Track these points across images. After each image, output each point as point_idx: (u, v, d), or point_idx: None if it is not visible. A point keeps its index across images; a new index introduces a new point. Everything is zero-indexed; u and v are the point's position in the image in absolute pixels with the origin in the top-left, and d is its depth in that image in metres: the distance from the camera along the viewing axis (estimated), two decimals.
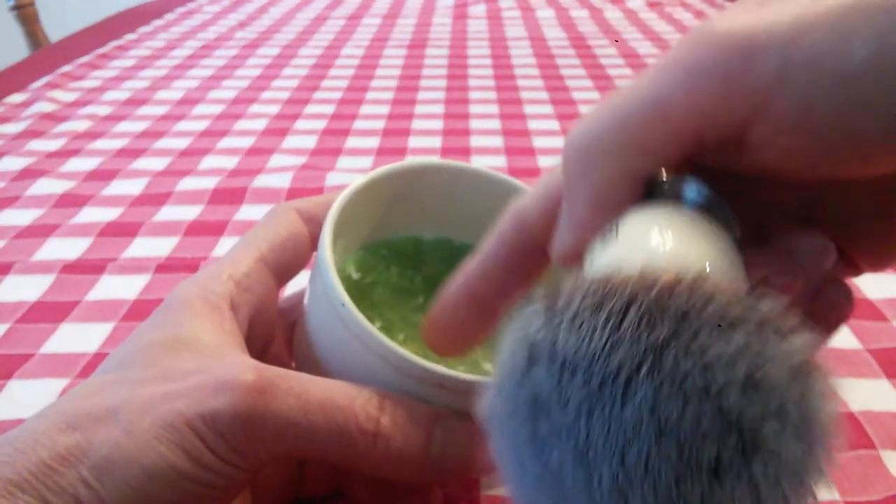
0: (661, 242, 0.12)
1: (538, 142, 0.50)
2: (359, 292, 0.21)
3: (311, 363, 0.19)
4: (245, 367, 0.16)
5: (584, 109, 0.57)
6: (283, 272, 0.21)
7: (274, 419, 0.16)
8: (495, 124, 0.54)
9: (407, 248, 0.23)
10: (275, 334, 0.21)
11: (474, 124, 0.54)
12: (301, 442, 0.16)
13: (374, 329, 0.17)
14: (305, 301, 0.20)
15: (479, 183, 0.23)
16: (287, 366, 0.22)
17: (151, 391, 0.16)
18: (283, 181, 0.43)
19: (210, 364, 0.16)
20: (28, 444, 0.15)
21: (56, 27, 1.06)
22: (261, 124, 0.54)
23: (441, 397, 0.17)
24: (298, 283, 0.22)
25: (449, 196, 0.23)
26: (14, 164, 0.46)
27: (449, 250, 0.24)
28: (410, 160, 0.22)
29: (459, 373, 0.17)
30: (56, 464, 0.14)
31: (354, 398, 0.16)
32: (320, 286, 0.18)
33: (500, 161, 0.47)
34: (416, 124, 0.54)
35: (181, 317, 0.18)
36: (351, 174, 0.44)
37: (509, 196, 0.23)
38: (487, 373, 0.21)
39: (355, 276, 0.22)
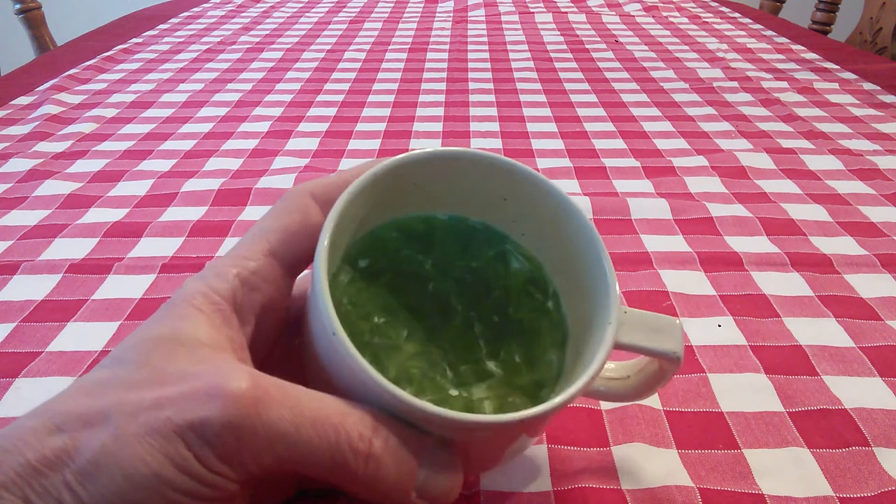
0: None
1: (537, 144, 0.51)
2: (365, 282, 0.21)
3: (311, 364, 0.19)
4: (239, 375, 0.16)
5: (581, 112, 0.58)
6: (296, 264, 0.20)
7: (265, 430, 0.15)
8: (494, 127, 0.54)
9: (419, 227, 0.22)
10: (283, 329, 0.21)
11: (474, 126, 0.54)
12: (291, 455, 0.16)
13: (364, 362, 0.16)
14: (308, 304, 0.20)
15: (487, 168, 0.21)
16: (296, 359, 0.21)
17: (143, 395, 0.15)
18: (286, 182, 0.43)
19: (204, 368, 0.16)
20: (15, 444, 0.15)
21: (62, 31, 1.07)
22: (264, 126, 0.54)
23: (431, 427, 0.17)
24: None
25: (461, 182, 0.21)
26: (21, 165, 0.46)
27: (464, 229, 0.22)
28: (417, 150, 0.20)
29: (450, 411, 0.16)
30: (41, 466, 0.14)
31: (348, 416, 0.16)
32: (315, 305, 0.18)
33: None
34: (417, 126, 0.54)
35: (182, 315, 0.17)
36: None
37: (520, 179, 0.21)
38: (490, 373, 0.20)
39: (362, 263, 0.21)
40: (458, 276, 0.22)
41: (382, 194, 0.20)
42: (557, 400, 0.17)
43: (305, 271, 0.20)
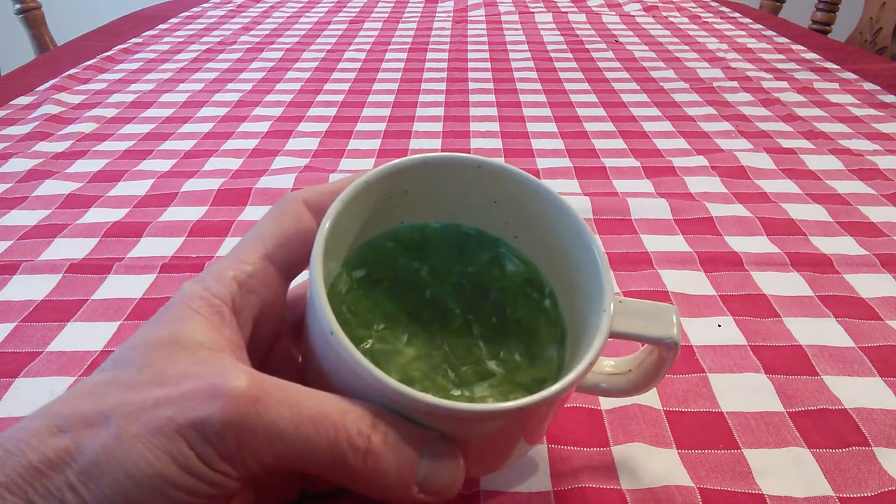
0: None
1: (537, 144, 0.51)
2: (363, 290, 0.21)
3: (310, 366, 0.19)
4: (239, 374, 0.16)
5: (581, 112, 0.58)
6: (291, 268, 0.20)
7: (265, 429, 0.15)
8: (494, 127, 0.54)
9: (413, 237, 0.22)
10: (282, 331, 0.21)
11: (474, 126, 0.54)
12: (291, 453, 0.16)
13: (362, 359, 0.16)
14: (307, 307, 0.20)
15: (476, 171, 0.22)
16: (294, 363, 0.22)
17: (144, 396, 0.15)
18: (286, 182, 0.43)
19: (204, 369, 0.16)
20: (18, 445, 0.15)
21: (62, 31, 1.07)
22: (264, 126, 0.54)
23: (431, 422, 0.17)
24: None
25: (451, 187, 0.22)
26: (21, 165, 0.46)
27: (458, 236, 0.23)
28: (407, 157, 0.21)
29: (448, 401, 0.16)
30: (44, 467, 0.14)
31: (347, 413, 0.16)
32: (312, 306, 0.18)
33: None
34: (417, 126, 0.54)
35: (181, 317, 0.17)
36: None
37: (507, 181, 0.21)
38: (491, 372, 0.20)
39: (360, 273, 0.21)
40: (456, 281, 0.22)
41: (375, 202, 0.21)
42: (555, 387, 0.17)
43: (304, 274, 0.20)
